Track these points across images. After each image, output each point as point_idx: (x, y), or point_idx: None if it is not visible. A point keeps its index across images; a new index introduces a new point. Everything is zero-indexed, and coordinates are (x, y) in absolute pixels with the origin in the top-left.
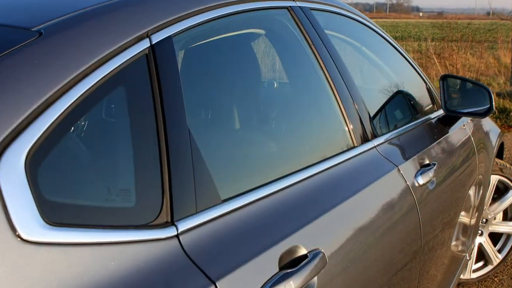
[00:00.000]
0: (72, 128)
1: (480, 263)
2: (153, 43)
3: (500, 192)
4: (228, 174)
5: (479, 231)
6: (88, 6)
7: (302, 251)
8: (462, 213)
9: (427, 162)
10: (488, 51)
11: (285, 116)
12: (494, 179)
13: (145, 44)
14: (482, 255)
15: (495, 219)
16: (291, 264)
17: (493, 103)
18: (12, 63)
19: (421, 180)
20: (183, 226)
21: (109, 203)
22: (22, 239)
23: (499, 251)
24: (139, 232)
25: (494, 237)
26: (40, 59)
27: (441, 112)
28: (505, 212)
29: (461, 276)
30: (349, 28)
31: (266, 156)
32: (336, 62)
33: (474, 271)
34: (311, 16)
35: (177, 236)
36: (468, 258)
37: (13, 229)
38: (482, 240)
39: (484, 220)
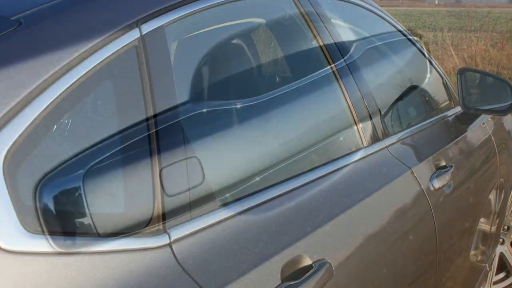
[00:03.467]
0: (55, 126)
1: (502, 274)
2: (144, 33)
3: None
4: (225, 177)
5: (501, 240)
6: None
7: (307, 261)
8: (482, 219)
9: (443, 163)
10: (510, 43)
11: (288, 114)
12: None
13: (134, 35)
14: (503, 266)
15: None
16: (294, 275)
17: None
18: None
19: (437, 184)
20: (176, 234)
21: (96, 209)
22: (0, 248)
23: None
24: (129, 240)
25: None
26: (19, 51)
27: (458, 109)
28: None
29: None
30: (358, 17)
31: (266, 157)
32: (344, 55)
33: (495, 283)
34: (316, 4)
35: (169, 244)
36: (488, 268)
37: None
38: (504, 249)
39: (506, 227)
